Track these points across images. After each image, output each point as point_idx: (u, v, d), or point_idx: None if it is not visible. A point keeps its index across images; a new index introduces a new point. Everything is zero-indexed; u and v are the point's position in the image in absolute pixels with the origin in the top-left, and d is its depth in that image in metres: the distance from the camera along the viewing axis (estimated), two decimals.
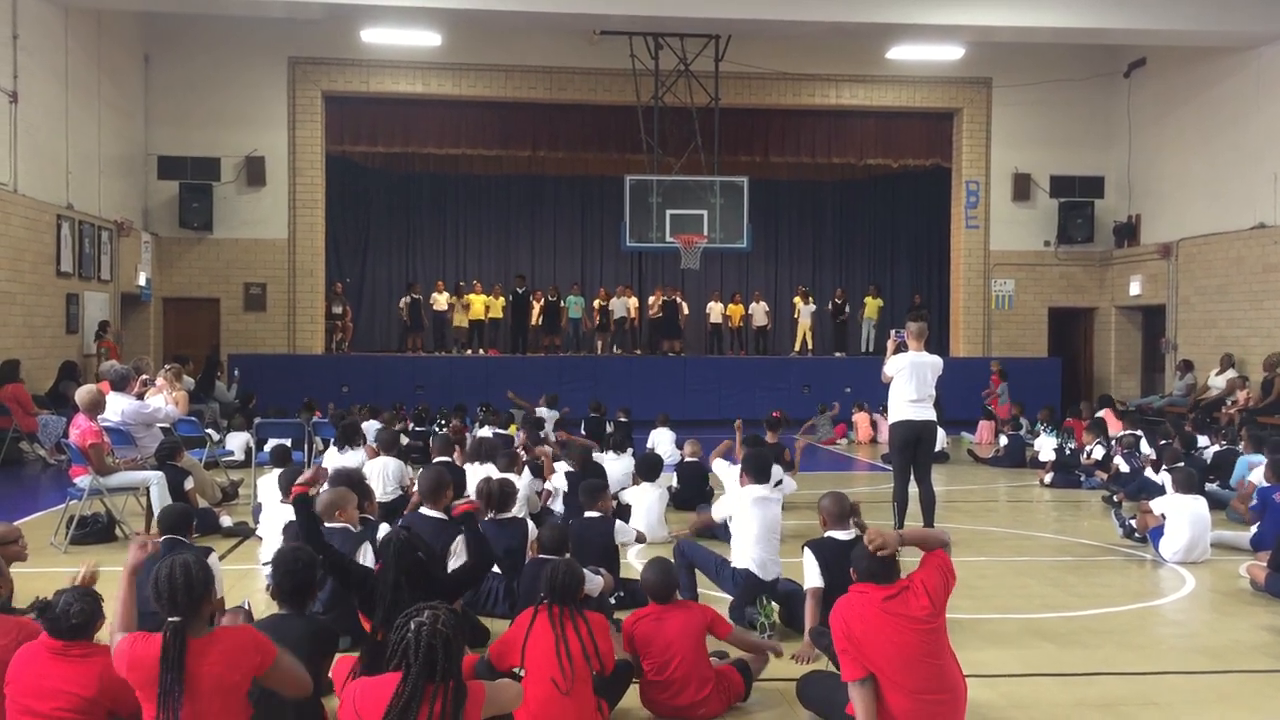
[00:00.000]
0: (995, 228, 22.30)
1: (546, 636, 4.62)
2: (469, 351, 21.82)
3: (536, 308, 22.26)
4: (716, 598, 6.93)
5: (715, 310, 23.16)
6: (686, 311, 22.72)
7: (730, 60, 19.69)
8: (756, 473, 7.25)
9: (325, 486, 6.64)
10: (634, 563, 8.46)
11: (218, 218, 20.46)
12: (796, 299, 23.38)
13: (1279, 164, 17.36)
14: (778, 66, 20.92)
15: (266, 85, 20.63)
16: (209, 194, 20.36)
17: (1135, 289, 21.52)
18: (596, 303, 22.70)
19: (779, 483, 10.30)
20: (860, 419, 18.31)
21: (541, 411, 15.34)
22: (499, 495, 7.15)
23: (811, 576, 5.89)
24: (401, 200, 24.64)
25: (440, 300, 22.28)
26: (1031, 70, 21.42)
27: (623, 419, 15.45)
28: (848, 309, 23.10)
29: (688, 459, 11.15)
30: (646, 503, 9.30)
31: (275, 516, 7.62)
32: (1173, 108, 20.47)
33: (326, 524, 5.91)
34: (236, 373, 18.78)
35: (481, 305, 22.09)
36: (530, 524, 7.48)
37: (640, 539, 8.58)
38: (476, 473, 8.69)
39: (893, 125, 22.69)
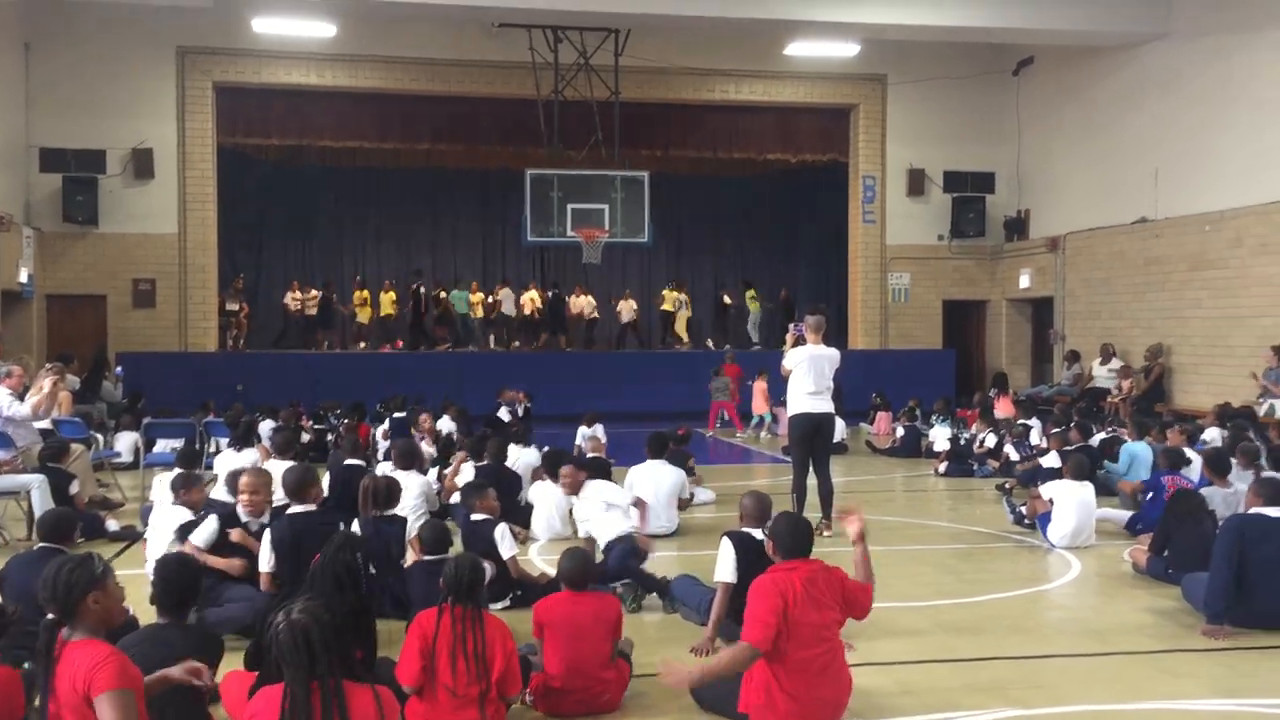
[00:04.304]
0: (891, 222, 22.70)
1: (446, 640, 4.58)
2: (362, 346, 21.64)
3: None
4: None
5: (584, 304, 23.24)
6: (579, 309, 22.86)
7: (630, 54, 19.71)
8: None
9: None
10: (535, 560, 8.43)
11: (103, 211, 19.78)
12: (668, 291, 23.55)
13: (1159, 160, 17.98)
14: (677, 61, 20.98)
15: (154, 75, 20.00)
16: (94, 187, 19.66)
17: (1025, 282, 22.13)
18: (484, 297, 22.56)
19: (691, 496, 10.45)
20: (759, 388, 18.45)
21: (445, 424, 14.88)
22: (384, 493, 7.04)
23: (725, 569, 5.93)
24: (297, 194, 24.10)
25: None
26: (924, 68, 21.82)
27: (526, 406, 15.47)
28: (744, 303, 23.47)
29: (590, 455, 11.12)
30: (551, 501, 9.25)
31: (165, 517, 7.37)
32: (1059, 105, 21.07)
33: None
34: (119, 371, 18.19)
35: (367, 305, 21.97)
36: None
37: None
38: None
39: (791, 121, 22.95)
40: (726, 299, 24.53)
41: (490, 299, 22.67)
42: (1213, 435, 12.06)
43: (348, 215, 24.82)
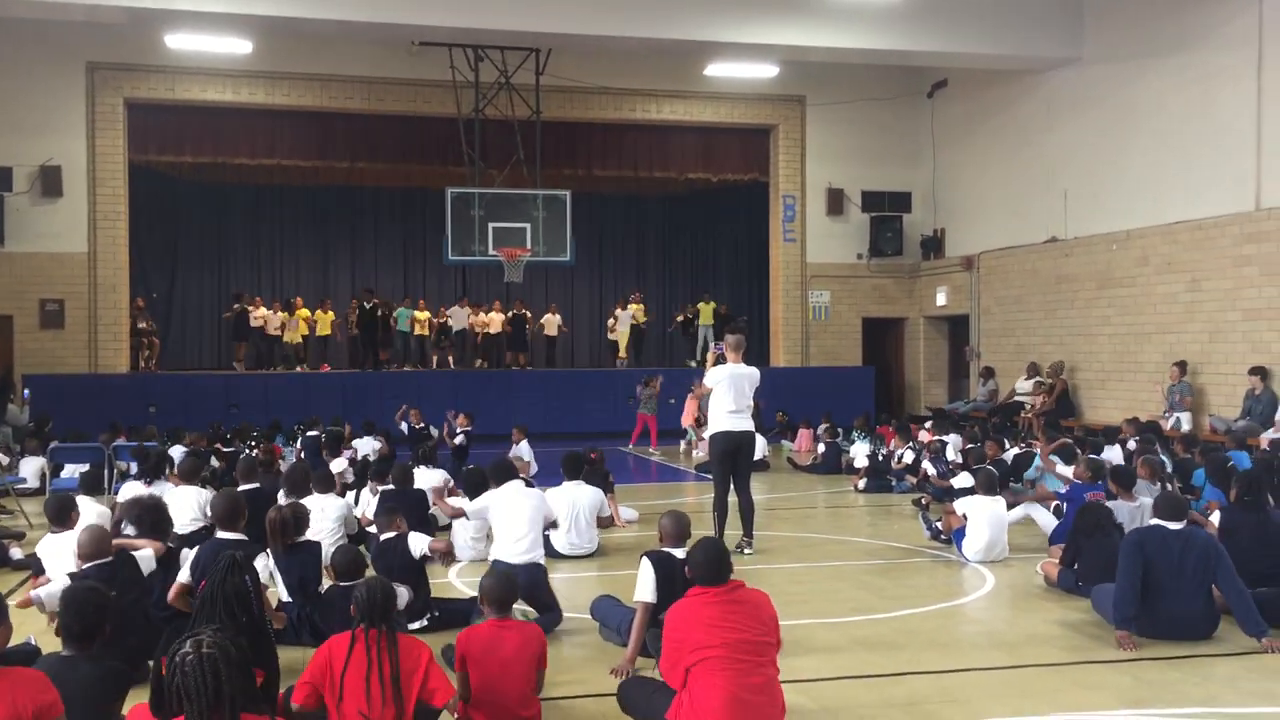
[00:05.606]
0: (811, 241, 22.95)
1: (360, 664, 4.51)
2: (300, 369, 21.32)
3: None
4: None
5: (551, 323, 23.26)
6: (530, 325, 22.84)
7: (551, 74, 19.71)
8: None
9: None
10: (455, 582, 8.35)
11: (9, 230, 19.19)
12: (627, 308, 23.57)
13: (1069, 181, 18.46)
14: (598, 81, 21.05)
15: (63, 91, 19.51)
16: (0, 205, 19.12)
17: (941, 299, 22.53)
18: (427, 316, 22.41)
19: (612, 518, 10.48)
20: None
21: (365, 443, 14.65)
22: (292, 521, 6.88)
23: (644, 589, 5.93)
24: (213, 212, 23.74)
25: (274, 320, 21.52)
26: (842, 89, 22.16)
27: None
28: (696, 321, 23.49)
29: None
30: (472, 523, 9.14)
31: (56, 546, 7.08)
32: (972, 127, 21.53)
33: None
34: (28, 394, 17.67)
35: (306, 322, 21.66)
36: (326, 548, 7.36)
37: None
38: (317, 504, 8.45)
39: (712, 140, 23.11)
40: (680, 316, 24.38)
41: (437, 319, 22.45)
42: (1114, 453, 12.33)
43: (265, 233, 24.45)
